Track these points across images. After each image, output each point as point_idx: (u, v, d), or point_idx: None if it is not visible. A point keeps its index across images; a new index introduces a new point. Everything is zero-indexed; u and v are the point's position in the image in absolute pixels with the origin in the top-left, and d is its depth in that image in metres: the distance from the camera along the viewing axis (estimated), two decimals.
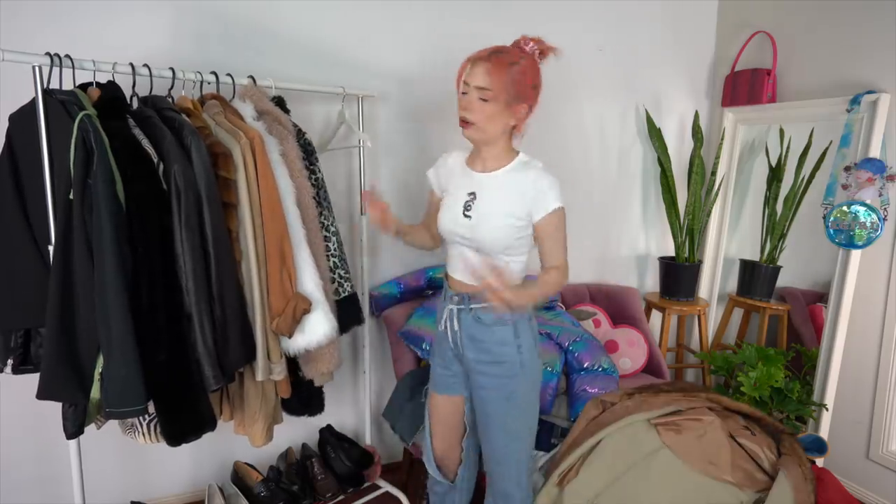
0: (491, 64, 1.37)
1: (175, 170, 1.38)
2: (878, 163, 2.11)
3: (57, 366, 1.33)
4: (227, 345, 1.49)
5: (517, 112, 1.44)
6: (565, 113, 2.65)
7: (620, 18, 2.68)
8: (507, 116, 1.43)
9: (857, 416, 2.29)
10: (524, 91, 1.42)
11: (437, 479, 1.76)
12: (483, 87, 1.38)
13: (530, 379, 1.56)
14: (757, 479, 1.64)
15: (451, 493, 1.77)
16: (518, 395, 1.54)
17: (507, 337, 1.51)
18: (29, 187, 1.45)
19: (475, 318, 1.53)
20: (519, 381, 1.53)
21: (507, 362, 1.52)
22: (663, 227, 2.92)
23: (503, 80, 1.37)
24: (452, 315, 1.58)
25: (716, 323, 2.91)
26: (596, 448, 1.76)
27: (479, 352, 1.54)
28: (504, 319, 1.50)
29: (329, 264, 1.84)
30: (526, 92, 1.42)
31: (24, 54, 1.34)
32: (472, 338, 1.55)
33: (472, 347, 1.56)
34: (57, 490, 2.01)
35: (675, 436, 1.71)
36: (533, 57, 1.44)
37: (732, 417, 1.81)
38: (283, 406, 1.82)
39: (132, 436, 1.61)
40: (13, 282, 1.47)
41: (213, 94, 1.69)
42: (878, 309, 2.20)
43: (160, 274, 1.40)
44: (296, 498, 1.99)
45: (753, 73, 2.63)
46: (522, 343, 1.52)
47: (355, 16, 2.19)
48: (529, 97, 1.43)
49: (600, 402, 1.92)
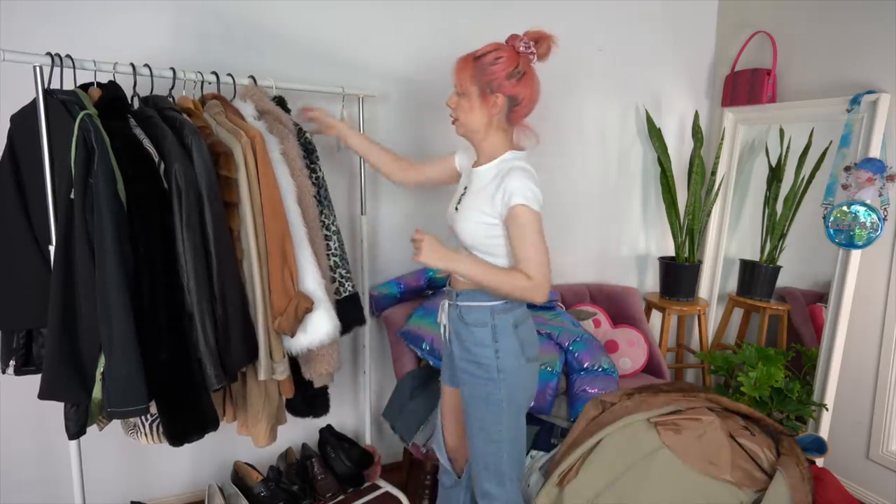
0: (457, 61, 1.48)
1: (176, 169, 1.38)
2: (878, 163, 2.11)
3: (59, 366, 1.33)
4: (229, 344, 1.49)
5: (489, 103, 1.45)
6: (565, 113, 2.65)
7: (620, 18, 2.68)
8: (483, 108, 1.46)
9: (857, 416, 2.29)
10: (495, 81, 1.43)
11: (447, 468, 1.77)
12: (455, 83, 1.49)
13: (510, 385, 1.51)
14: (756, 479, 1.64)
15: (457, 489, 1.77)
16: (495, 399, 1.51)
17: (486, 339, 1.51)
18: (30, 187, 1.45)
19: (459, 316, 1.55)
20: (496, 386, 1.50)
21: (484, 364, 1.51)
22: (663, 227, 2.92)
23: (468, 73, 1.45)
24: (443, 309, 1.63)
25: (716, 323, 2.91)
26: (596, 448, 1.76)
27: (462, 349, 1.56)
28: (483, 321, 1.51)
29: (330, 263, 1.84)
30: (499, 82, 1.43)
31: (24, 54, 1.34)
32: (457, 334, 1.57)
33: (456, 344, 1.58)
34: (57, 490, 2.01)
35: (674, 435, 1.72)
36: (512, 49, 1.45)
37: (732, 418, 1.82)
38: (288, 407, 1.82)
39: (134, 436, 1.61)
40: (15, 282, 1.47)
41: (214, 93, 1.69)
42: (878, 309, 2.21)
43: (161, 273, 1.40)
44: (296, 498, 1.99)
45: (753, 73, 2.63)
46: (501, 348, 1.50)
47: (355, 16, 2.19)
48: (504, 88, 1.44)
49: (600, 402, 1.92)
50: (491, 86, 1.44)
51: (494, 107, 1.46)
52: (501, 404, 1.52)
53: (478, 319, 1.51)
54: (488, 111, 1.46)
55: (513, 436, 1.56)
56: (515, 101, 1.47)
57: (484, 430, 1.55)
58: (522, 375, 1.54)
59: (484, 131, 1.49)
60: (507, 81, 1.44)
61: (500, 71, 1.43)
